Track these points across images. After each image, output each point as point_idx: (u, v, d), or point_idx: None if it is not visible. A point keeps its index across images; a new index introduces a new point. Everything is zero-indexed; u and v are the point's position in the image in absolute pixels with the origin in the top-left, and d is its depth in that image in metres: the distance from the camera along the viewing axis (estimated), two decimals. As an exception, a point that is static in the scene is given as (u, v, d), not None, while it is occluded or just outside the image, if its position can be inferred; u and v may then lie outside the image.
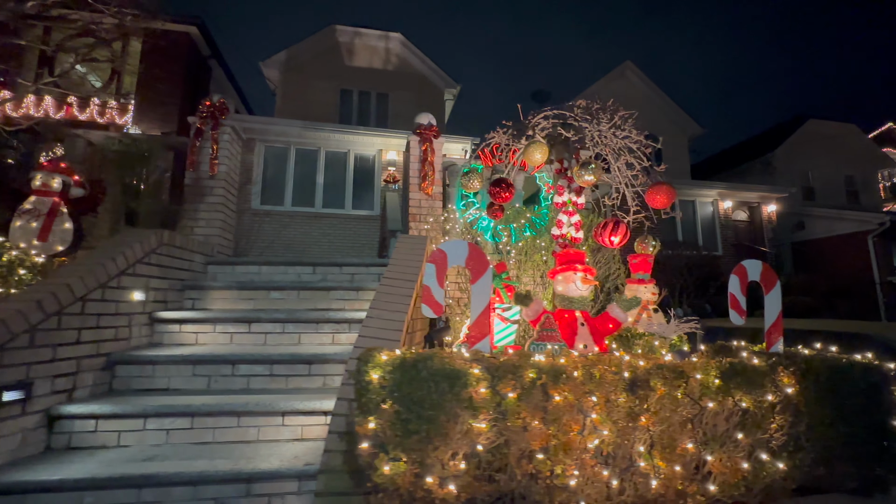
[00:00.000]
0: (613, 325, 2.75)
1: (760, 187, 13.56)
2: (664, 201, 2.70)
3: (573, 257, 2.82)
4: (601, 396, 1.60)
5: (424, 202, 4.58)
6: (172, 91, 13.55)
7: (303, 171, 11.17)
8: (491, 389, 1.50)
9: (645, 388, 1.65)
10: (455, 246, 1.97)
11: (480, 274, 1.95)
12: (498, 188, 2.91)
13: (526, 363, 1.59)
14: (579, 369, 1.61)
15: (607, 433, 1.58)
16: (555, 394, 1.55)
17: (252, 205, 10.71)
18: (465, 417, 1.45)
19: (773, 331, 2.22)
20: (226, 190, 4.21)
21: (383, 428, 1.42)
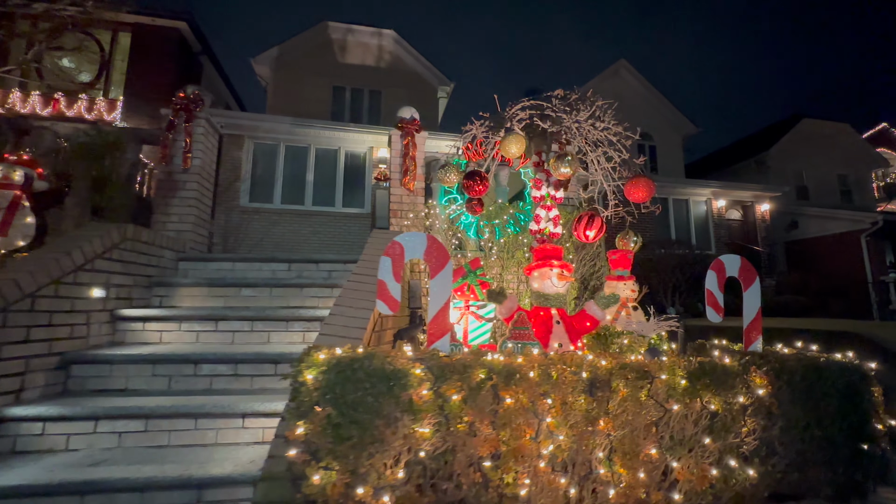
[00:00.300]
0: (591, 324, 2.65)
1: (754, 186, 13.53)
2: (643, 195, 2.61)
3: (550, 253, 2.72)
4: (558, 398, 1.50)
5: (406, 197, 4.47)
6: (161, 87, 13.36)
7: (293, 169, 11.04)
8: (434, 391, 1.39)
9: (606, 389, 1.55)
10: (412, 238, 1.86)
11: (440, 268, 1.85)
12: (471, 181, 2.80)
13: (476, 363, 1.48)
14: (535, 369, 1.51)
15: (564, 438, 1.48)
16: (506, 396, 1.44)
17: (241, 202, 10.57)
18: (406, 422, 1.35)
19: (751, 329, 2.12)
20: (200, 184, 4.09)
21: (314, 433, 1.32)
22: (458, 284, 2.85)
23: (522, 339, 2.41)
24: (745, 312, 2.17)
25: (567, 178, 2.68)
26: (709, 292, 2.19)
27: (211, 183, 4.35)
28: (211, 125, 4.31)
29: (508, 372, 1.47)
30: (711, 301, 2.19)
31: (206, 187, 4.23)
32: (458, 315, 2.83)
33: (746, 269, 2.21)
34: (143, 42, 12.98)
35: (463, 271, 2.86)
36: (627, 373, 1.57)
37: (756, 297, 2.18)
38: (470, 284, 2.84)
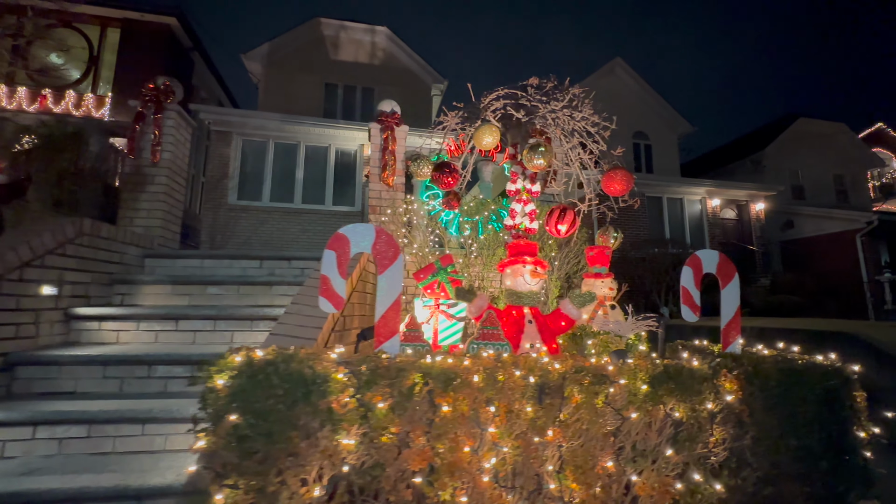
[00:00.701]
0: (566, 323, 2.52)
1: (748, 185, 13.44)
2: (621, 187, 2.47)
3: (523, 249, 2.59)
4: (503, 406, 1.36)
5: (385, 193, 4.34)
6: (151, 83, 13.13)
7: (282, 166, 10.89)
8: (357, 399, 1.26)
9: (557, 395, 1.41)
10: (358, 230, 1.72)
11: (389, 263, 1.71)
12: (440, 173, 2.66)
13: (411, 366, 1.35)
14: (480, 373, 1.37)
15: (509, 450, 1.34)
16: (443, 403, 1.31)
17: (229, 200, 10.42)
18: (326, 433, 1.21)
19: (729, 329, 2.00)
20: (170, 178, 3.95)
21: (218, 446, 1.18)
22: (428, 282, 2.72)
23: (491, 340, 2.27)
24: (722, 311, 2.04)
25: (541, 170, 2.55)
26: (684, 290, 2.06)
27: (184, 178, 4.21)
28: (183, 118, 4.16)
29: (447, 376, 1.33)
30: (687, 299, 2.05)
31: (177, 182, 4.08)
32: (428, 314, 2.70)
33: (724, 265, 2.08)
34: (132, 38, 12.80)
35: (433, 268, 2.73)
36: (583, 377, 1.43)
37: (735, 296, 2.05)
38: (440, 282, 2.71)
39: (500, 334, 2.30)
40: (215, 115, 10.44)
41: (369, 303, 3.01)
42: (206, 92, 15.83)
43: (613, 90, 16.04)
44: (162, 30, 13.29)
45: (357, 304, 2.68)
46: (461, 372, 1.36)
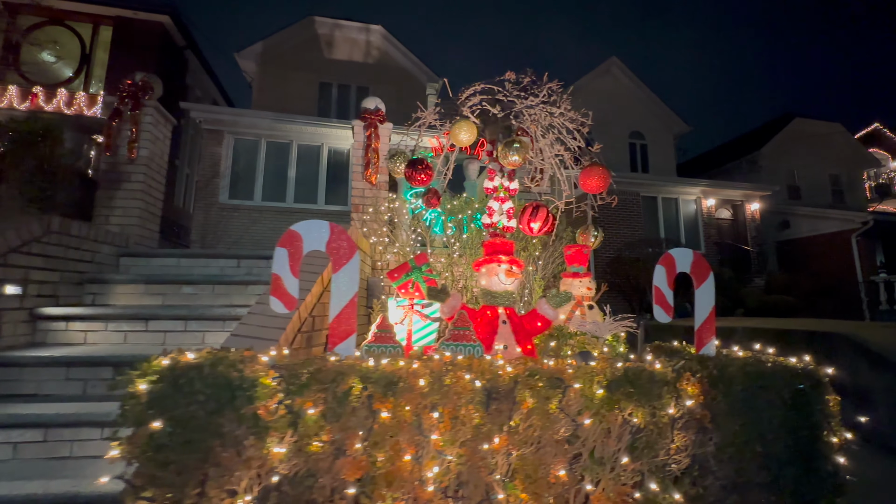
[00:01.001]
0: (542, 324, 2.46)
1: (744, 185, 13.40)
2: (598, 184, 2.41)
3: (498, 248, 2.53)
4: (447, 411, 1.30)
5: (368, 191, 4.27)
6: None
7: (274, 165, 10.82)
8: (286, 404, 1.19)
9: (508, 400, 1.35)
10: (312, 227, 1.66)
11: (345, 261, 1.65)
12: (413, 170, 2.60)
13: (351, 370, 1.28)
14: (426, 376, 1.31)
15: (453, 458, 1.28)
16: (382, 409, 1.24)
17: (220, 199, 10.35)
18: (252, 441, 1.15)
19: (703, 330, 1.93)
20: (148, 176, 3.88)
21: (133, 456, 1.12)
22: (402, 281, 2.65)
23: (462, 341, 2.21)
24: (696, 312, 1.98)
25: (516, 166, 2.48)
26: (657, 290, 2.00)
27: (163, 175, 4.14)
28: (162, 114, 4.09)
29: (389, 380, 1.26)
30: (660, 299, 1.99)
31: (155, 179, 4.01)
32: (402, 314, 2.64)
33: (699, 264, 2.02)
34: (125, 36, 12.70)
35: (408, 267, 2.67)
36: (536, 381, 1.37)
37: (709, 296, 1.99)
38: (415, 281, 2.64)
39: (471, 335, 2.23)
40: (206, 114, 10.36)
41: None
42: (200, 91, 15.74)
43: (609, 90, 16.01)
44: (155, 28, 13.19)
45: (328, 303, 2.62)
46: (405, 375, 1.29)
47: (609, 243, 11.69)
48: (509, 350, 2.31)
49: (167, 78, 12.88)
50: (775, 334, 6.77)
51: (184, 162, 13.56)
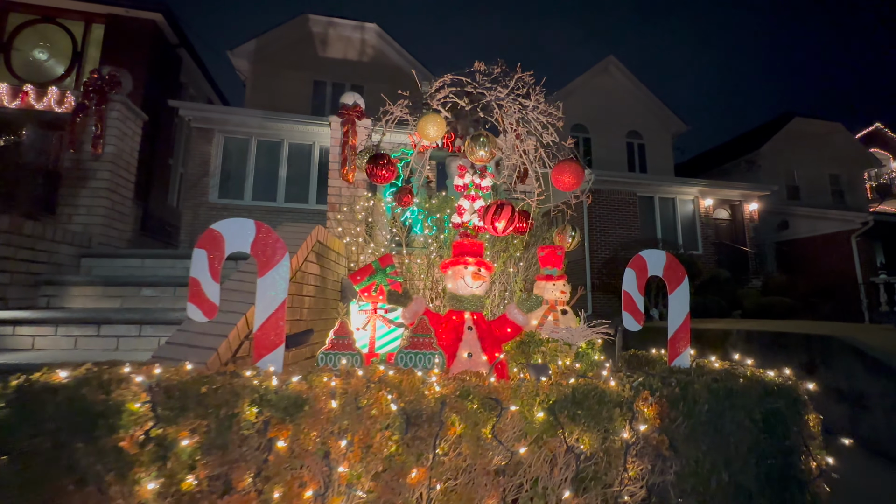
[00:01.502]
0: (512, 330, 2.31)
1: (742, 185, 13.23)
2: (570, 181, 2.27)
3: (466, 249, 2.38)
4: (360, 439, 1.15)
5: (345, 190, 4.12)
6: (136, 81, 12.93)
7: (265, 164, 10.69)
8: (157, 434, 1.04)
9: (431, 424, 1.20)
10: (235, 226, 1.51)
11: (272, 264, 1.50)
12: (374, 166, 2.45)
13: (246, 390, 1.13)
14: (339, 397, 1.15)
15: (364, 494, 1.13)
16: (279, 436, 1.09)
17: (209, 198, 10.23)
18: (113, 478, 1.00)
19: (677, 339, 1.78)
20: (114, 173, 3.73)
21: None
22: (365, 284, 2.51)
23: (422, 349, 2.06)
24: (670, 319, 1.82)
25: (484, 162, 2.34)
26: (626, 295, 1.84)
27: (131, 173, 3.99)
28: (131, 110, 3.95)
29: (290, 402, 1.11)
30: (629, 305, 1.83)
31: (123, 177, 3.87)
32: (365, 319, 2.49)
33: (672, 267, 1.87)
34: (117, 34, 12.57)
35: (371, 269, 2.52)
36: (467, 403, 1.21)
37: (683, 301, 1.84)
38: (378, 284, 2.49)
39: (431, 342, 2.09)
40: (196, 112, 10.24)
41: (308, 306, 2.80)
42: (195, 90, 15.62)
43: (607, 89, 15.84)
44: (147, 26, 13.05)
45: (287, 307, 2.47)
46: (314, 396, 1.14)
47: (604, 244, 11.53)
48: (474, 358, 2.17)
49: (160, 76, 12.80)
50: (771, 337, 6.60)
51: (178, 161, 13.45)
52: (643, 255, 1.90)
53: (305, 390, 1.14)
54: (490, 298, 3.59)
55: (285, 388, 1.13)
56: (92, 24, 12.79)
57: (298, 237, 2.68)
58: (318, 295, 3.01)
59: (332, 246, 3.31)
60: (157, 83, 12.60)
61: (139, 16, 12.78)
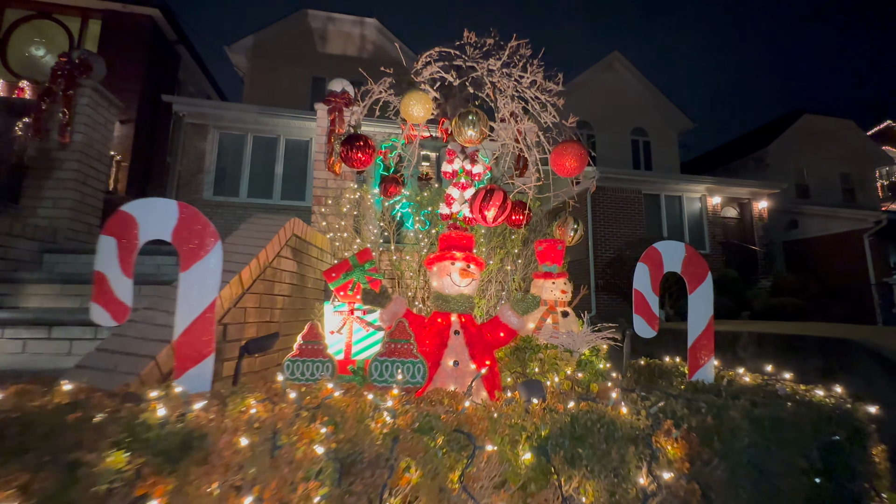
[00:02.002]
0: (506, 334, 2.03)
1: (751, 182, 12.86)
2: (572, 166, 1.99)
3: (453, 242, 2.11)
4: (273, 494, 0.84)
5: (332, 182, 3.86)
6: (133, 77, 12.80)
7: (261, 160, 10.47)
8: None
9: (376, 470, 0.91)
10: (153, 207, 1.24)
11: (198, 256, 1.24)
12: (349, 148, 2.17)
13: (113, 424, 0.82)
14: (249, 433, 0.86)
15: None
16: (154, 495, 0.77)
17: (204, 195, 10.03)
18: None
19: (699, 348, 1.49)
20: (83, 164, 3.49)
21: None
22: (341, 282, 2.24)
23: (399, 357, 1.79)
24: (690, 323, 1.53)
25: (474, 143, 2.06)
26: (637, 295, 1.55)
27: (105, 164, 3.75)
28: (103, 97, 3.70)
29: (175, 443, 0.82)
30: (641, 307, 1.54)
31: (94, 168, 3.62)
32: (340, 322, 2.22)
33: (693, 262, 1.58)
34: (114, 30, 12.40)
35: (348, 265, 2.25)
36: (429, 439, 0.93)
37: (706, 302, 1.55)
38: (356, 282, 2.22)
39: (410, 349, 1.81)
40: (190, 107, 10.03)
41: (281, 306, 2.53)
42: (193, 86, 15.44)
43: (611, 85, 15.52)
44: (144, 22, 12.86)
45: (254, 308, 2.21)
46: (211, 433, 0.86)
47: (609, 242, 11.21)
48: (461, 367, 1.89)
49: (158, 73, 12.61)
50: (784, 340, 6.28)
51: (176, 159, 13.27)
52: (658, 248, 1.62)
53: (204, 424, 0.86)
54: (486, 299, 3.32)
55: (175, 422, 0.84)
56: (88, 20, 12.63)
57: (268, 230, 2.42)
58: (296, 294, 2.75)
59: (314, 241, 3.05)
60: (155, 80, 12.41)
61: (136, 11, 12.59)
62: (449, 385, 1.86)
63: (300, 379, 1.93)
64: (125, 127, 11.35)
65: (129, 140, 10.87)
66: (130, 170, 10.53)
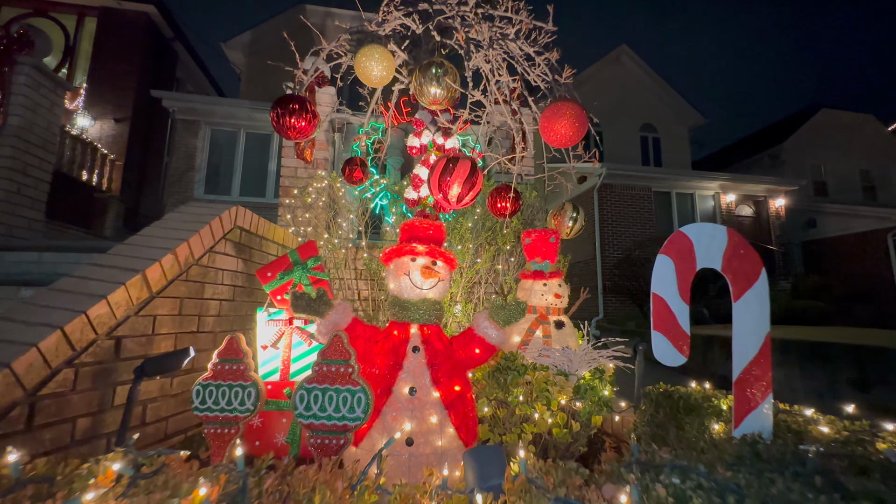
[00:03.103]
0: (482, 350, 1.57)
1: (767, 179, 12.23)
2: (568, 132, 1.52)
3: (417, 232, 1.65)
4: None
5: (302, 171, 3.42)
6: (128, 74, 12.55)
7: (253, 158, 10.14)
8: None
9: None
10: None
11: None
12: (282, 112, 1.71)
13: None
14: None
15: None
16: None
17: (195, 193, 9.70)
18: None
19: (750, 381, 1.00)
20: (20, 150, 3.09)
21: None
22: (278, 284, 1.79)
23: (334, 384, 1.34)
24: (736, 343, 1.04)
25: (440, 104, 1.60)
26: (658, 303, 1.04)
27: (50, 151, 3.35)
28: (47, 76, 3.31)
29: None
30: (663, 320, 1.03)
31: (36, 156, 3.22)
32: (276, 334, 1.77)
33: (740, 253, 1.07)
34: (110, 27, 12.20)
35: (287, 262, 1.80)
36: None
37: (759, 313, 1.06)
38: (296, 283, 1.78)
39: (349, 373, 1.36)
40: (180, 103, 9.71)
41: (216, 313, 2.09)
42: (192, 85, 15.23)
43: (619, 79, 14.99)
44: (140, 19, 12.64)
45: (169, 316, 1.77)
46: None
47: (617, 242, 10.68)
48: (419, 395, 1.43)
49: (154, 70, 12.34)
50: (810, 348, 5.73)
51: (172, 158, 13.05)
52: (688, 233, 1.13)
53: None
54: (473, 303, 2.86)
55: None
56: (84, 18, 12.44)
57: (198, 220, 1.98)
58: (241, 298, 2.31)
59: (269, 235, 2.61)
60: (152, 78, 12.15)
61: (132, 8, 12.37)
62: (402, 420, 1.40)
63: (213, 409, 1.49)
64: (120, 125, 11.08)
65: (123, 139, 10.59)
66: (125, 169, 10.25)
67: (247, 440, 1.74)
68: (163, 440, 1.76)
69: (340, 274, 3.11)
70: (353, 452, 1.45)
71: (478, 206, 2.98)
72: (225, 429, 1.49)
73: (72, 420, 1.38)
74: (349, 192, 3.32)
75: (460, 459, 1.47)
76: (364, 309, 3.10)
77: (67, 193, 7.35)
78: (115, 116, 11.65)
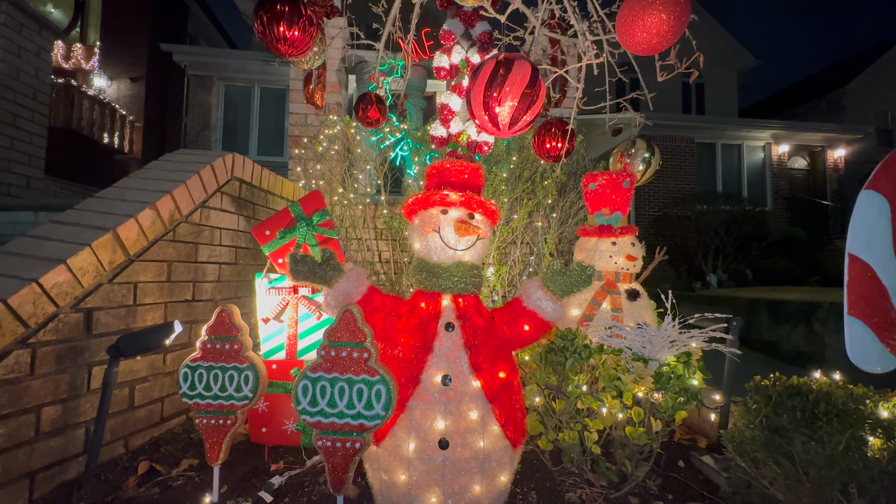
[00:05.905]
0: (532, 327, 1.23)
1: (828, 126, 11.01)
2: (660, 28, 1.07)
3: (449, 175, 1.27)
4: None
5: (312, 118, 3.04)
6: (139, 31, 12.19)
7: (269, 114, 9.77)
8: None
9: None
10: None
11: None
12: (263, 10, 1.29)
13: None
14: None
15: None
16: None
17: (212, 153, 9.52)
18: None
19: None
20: (6, 100, 2.81)
21: None
22: (279, 244, 1.47)
23: (346, 372, 1.03)
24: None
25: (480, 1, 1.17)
26: (856, 267, 0.63)
27: (42, 103, 3.07)
28: (30, 16, 2.96)
29: None
30: (864, 297, 0.65)
31: (25, 106, 2.95)
32: (279, 304, 1.47)
33: None
34: (118, -21, 11.72)
35: (288, 217, 1.47)
36: None
37: None
38: (301, 243, 1.45)
39: (364, 359, 1.04)
40: (190, 56, 9.30)
41: (214, 278, 1.81)
42: (205, 42, 14.74)
43: (660, 17, 13.49)
44: (148, -30, 12.06)
45: (154, 283, 1.50)
46: None
47: (654, 198, 9.96)
48: (454, 384, 1.12)
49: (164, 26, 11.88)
50: None
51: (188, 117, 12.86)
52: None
53: None
54: (507, 266, 2.49)
55: None
56: (87, -30, 11.95)
57: (186, 169, 1.65)
58: (245, 261, 2.02)
59: (274, 189, 2.28)
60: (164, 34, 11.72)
61: (139, -41, 11.78)
62: (434, 416, 1.09)
63: (204, 396, 1.23)
64: (136, 85, 10.86)
65: (140, 99, 10.41)
66: (145, 130, 10.14)
67: (252, 427, 1.50)
68: (158, 424, 1.54)
69: (358, 234, 2.78)
70: (374, 453, 1.17)
71: (513, 153, 2.55)
72: (220, 419, 1.24)
73: (34, 410, 1.14)
74: (365, 140, 2.93)
75: (506, 464, 1.17)
76: (386, 272, 2.80)
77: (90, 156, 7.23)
78: (130, 76, 11.39)
